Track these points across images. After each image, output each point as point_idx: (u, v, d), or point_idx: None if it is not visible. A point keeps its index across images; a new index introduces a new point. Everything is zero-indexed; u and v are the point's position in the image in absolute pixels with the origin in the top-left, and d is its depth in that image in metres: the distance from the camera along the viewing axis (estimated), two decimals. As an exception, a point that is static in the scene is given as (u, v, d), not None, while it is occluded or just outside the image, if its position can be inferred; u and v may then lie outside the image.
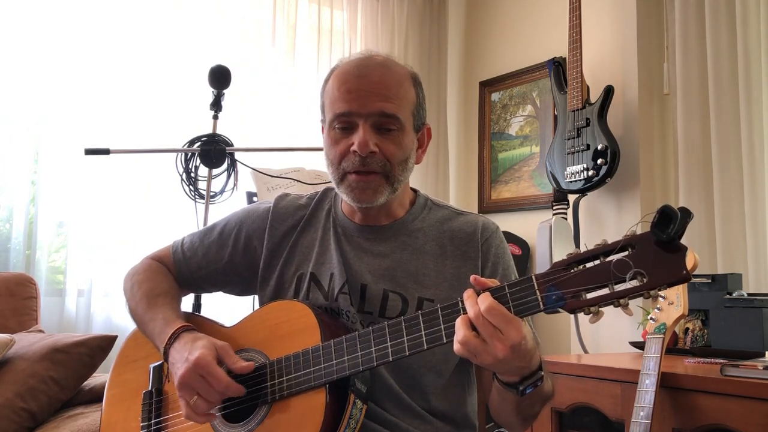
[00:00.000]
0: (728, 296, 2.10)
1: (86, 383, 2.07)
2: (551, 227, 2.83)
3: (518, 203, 3.50)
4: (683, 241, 0.93)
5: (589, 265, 0.97)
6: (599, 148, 2.75)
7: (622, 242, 0.95)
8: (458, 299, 1.06)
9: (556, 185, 2.94)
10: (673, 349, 2.24)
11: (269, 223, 1.39)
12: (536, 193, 3.41)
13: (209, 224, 1.48)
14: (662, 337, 1.75)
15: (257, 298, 1.42)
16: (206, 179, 2.36)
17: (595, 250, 0.97)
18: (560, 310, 1.00)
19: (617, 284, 0.95)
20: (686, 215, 0.90)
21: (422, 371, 1.26)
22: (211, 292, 1.51)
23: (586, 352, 2.82)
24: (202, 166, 2.36)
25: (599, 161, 2.74)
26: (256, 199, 2.52)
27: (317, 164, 2.71)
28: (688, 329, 2.25)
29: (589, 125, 2.81)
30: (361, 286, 1.29)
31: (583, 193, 2.88)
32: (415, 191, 1.41)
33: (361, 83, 1.25)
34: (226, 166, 2.37)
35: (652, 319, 1.81)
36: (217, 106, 2.39)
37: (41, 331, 2.29)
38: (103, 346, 2.06)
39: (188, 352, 1.18)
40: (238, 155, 2.40)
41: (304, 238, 1.38)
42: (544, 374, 1.09)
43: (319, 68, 3.37)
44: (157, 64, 2.95)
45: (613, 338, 2.76)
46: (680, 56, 2.74)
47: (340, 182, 1.29)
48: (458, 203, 3.72)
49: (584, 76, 2.86)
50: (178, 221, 2.73)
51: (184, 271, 1.44)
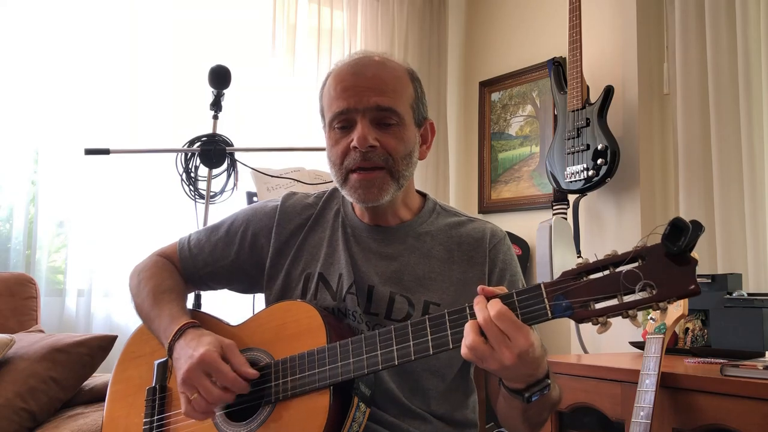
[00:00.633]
0: (728, 296, 2.10)
1: (86, 383, 2.07)
2: (551, 227, 2.83)
3: (518, 203, 3.50)
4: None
5: (598, 275, 0.97)
6: (599, 148, 2.75)
7: (632, 253, 0.94)
8: (465, 305, 1.05)
9: (556, 185, 2.94)
10: (673, 349, 2.24)
11: (276, 221, 1.39)
12: (536, 193, 3.41)
13: (216, 222, 1.47)
14: (662, 337, 1.76)
15: (264, 296, 1.41)
16: (206, 179, 2.36)
17: (604, 260, 0.97)
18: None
19: (626, 295, 0.95)
20: (698, 228, 0.90)
21: (425, 375, 1.26)
22: (216, 289, 1.50)
23: (586, 352, 2.82)
24: (202, 166, 2.37)
25: (599, 161, 2.74)
26: (256, 199, 2.51)
27: (317, 164, 2.71)
28: (688, 329, 2.26)
29: (589, 125, 2.80)
30: (368, 287, 1.29)
31: (583, 193, 2.88)
32: (424, 195, 1.41)
33: (356, 80, 1.25)
34: (226, 166, 2.38)
35: (652, 319, 1.81)
36: (217, 106, 2.39)
37: (41, 331, 2.28)
38: (103, 346, 2.06)
39: (193, 348, 1.18)
40: (238, 155, 2.40)
41: (312, 237, 1.38)
42: (550, 382, 1.09)
43: (318, 68, 3.37)
44: (157, 64, 2.95)
45: (613, 338, 2.74)
46: (680, 56, 2.74)
47: (343, 183, 1.28)
48: (458, 203, 3.72)
49: (584, 76, 2.86)
50: (178, 221, 2.72)
51: (190, 267, 1.44)
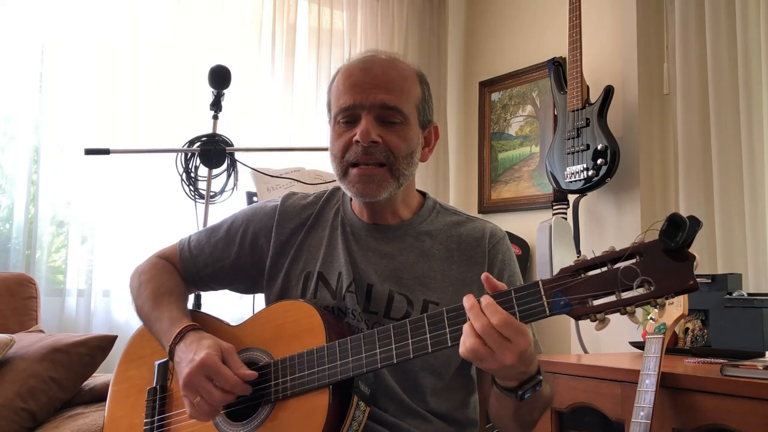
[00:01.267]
0: (728, 296, 2.10)
1: (86, 383, 2.07)
2: (551, 227, 2.83)
3: (518, 203, 3.50)
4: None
5: (596, 271, 0.97)
6: (599, 148, 2.75)
7: (630, 249, 0.94)
8: (463, 303, 1.05)
9: (556, 185, 2.94)
10: (673, 349, 2.24)
11: (276, 221, 1.39)
12: (536, 193, 3.41)
13: (215, 222, 1.47)
14: (662, 337, 1.75)
15: (263, 296, 1.42)
16: (206, 179, 2.36)
17: (602, 256, 0.97)
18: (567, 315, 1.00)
19: (624, 291, 0.94)
20: (695, 224, 0.89)
21: (423, 373, 1.26)
22: (217, 289, 1.51)
23: (586, 352, 2.82)
24: (202, 166, 2.37)
25: (599, 161, 2.74)
26: (256, 199, 2.51)
27: (317, 164, 2.71)
28: (688, 329, 2.25)
29: (589, 125, 2.80)
30: (367, 285, 1.30)
31: (583, 193, 2.88)
32: (423, 194, 1.41)
33: (365, 77, 1.26)
34: (226, 166, 2.38)
35: (652, 319, 1.81)
36: (217, 106, 2.39)
37: (41, 331, 2.28)
38: (103, 346, 2.06)
39: (194, 352, 1.19)
40: (238, 155, 2.40)
41: (311, 237, 1.38)
42: (542, 378, 1.09)
43: (318, 68, 3.37)
44: (157, 64, 2.95)
45: (613, 338, 2.75)
46: (680, 56, 2.74)
47: (343, 176, 1.28)
48: (458, 203, 3.72)
49: (584, 76, 2.86)
50: (178, 221, 2.73)
51: (190, 268, 1.44)
